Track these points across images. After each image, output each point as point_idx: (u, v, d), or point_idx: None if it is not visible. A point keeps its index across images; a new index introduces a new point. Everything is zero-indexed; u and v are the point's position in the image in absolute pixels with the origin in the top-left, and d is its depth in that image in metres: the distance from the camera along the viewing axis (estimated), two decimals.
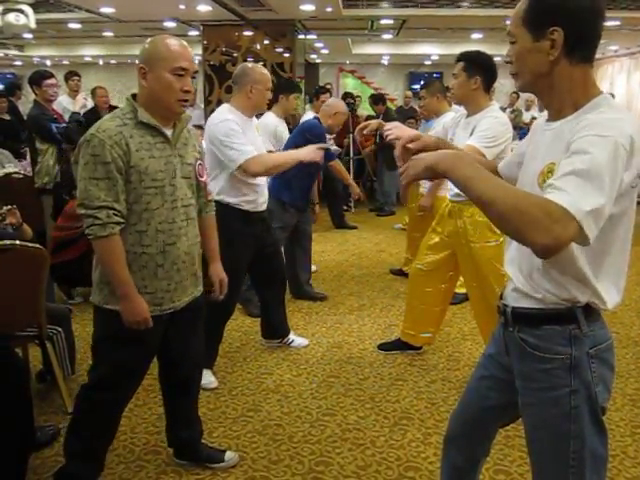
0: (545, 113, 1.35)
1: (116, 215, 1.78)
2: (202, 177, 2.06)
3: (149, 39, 1.87)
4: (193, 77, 1.87)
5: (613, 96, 9.10)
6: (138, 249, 1.85)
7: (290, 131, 4.35)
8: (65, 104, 5.52)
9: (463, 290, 3.63)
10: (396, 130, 2.55)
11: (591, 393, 1.27)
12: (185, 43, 1.87)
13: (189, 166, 1.97)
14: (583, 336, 1.27)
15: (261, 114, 4.61)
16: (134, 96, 1.89)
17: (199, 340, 2.20)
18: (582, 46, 1.21)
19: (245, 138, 2.74)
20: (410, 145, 1.50)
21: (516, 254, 1.38)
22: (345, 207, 7.14)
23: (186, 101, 1.87)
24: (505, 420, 1.57)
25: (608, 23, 6.90)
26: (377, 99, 7.59)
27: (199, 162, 2.03)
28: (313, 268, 4.80)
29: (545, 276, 1.28)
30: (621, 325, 3.82)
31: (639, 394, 2.90)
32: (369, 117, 7.81)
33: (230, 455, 2.29)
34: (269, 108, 4.01)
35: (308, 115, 5.85)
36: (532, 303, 1.32)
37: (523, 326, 1.35)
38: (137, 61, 1.84)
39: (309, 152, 2.88)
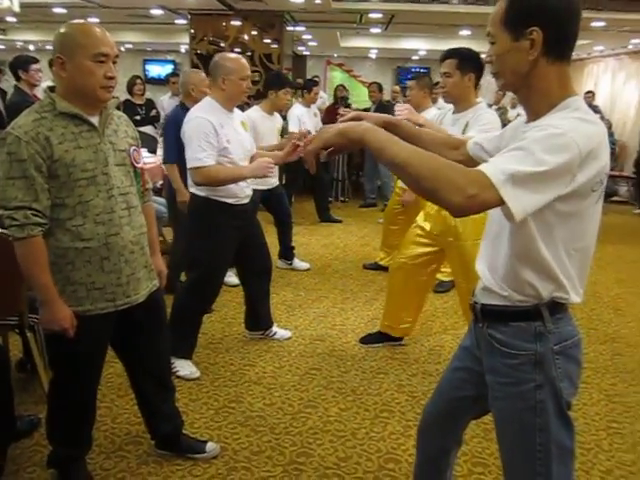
0: None
1: (35, 215, 1.69)
2: (138, 163, 1.95)
3: (62, 26, 1.75)
4: (114, 62, 1.78)
5: (593, 95, 9.23)
6: (79, 244, 1.77)
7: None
8: None
9: (451, 278, 3.70)
10: (406, 112, 2.58)
11: (556, 388, 1.30)
12: (102, 28, 1.76)
13: (122, 153, 1.87)
14: (548, 333, 1.30)
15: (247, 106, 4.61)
16: (52, 89, 1.80)
17: (164, 336, 2.17)
18: (559, 45, 1.24)
19: (215, 138, 2.65)
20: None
21: (485, 252, 1.42)
22: (341, 199, 7.13)
23: (111, 87, 1.78)
24: (477, 412, 1.60)
25: (594, 24, 6.98)
26: (378, 86, 7.52)
27: (133, 148, 1.93)
28: (306, 265, 4.81)
29: (510, 273, 1.31)
30: (599, 322, 3.89)
31: (614, 389, 2.96)
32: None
33: (211, 446, 2.30)
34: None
35: (296, 107, 5.85)
36: (499, 300, 1.35)
37: (491, 322, 1.39)
38: (52, 51, 1.73)
39: (256, 168, 2.73)
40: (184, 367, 2.90)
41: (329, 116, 7.35)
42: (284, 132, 5.04)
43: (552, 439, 1.31)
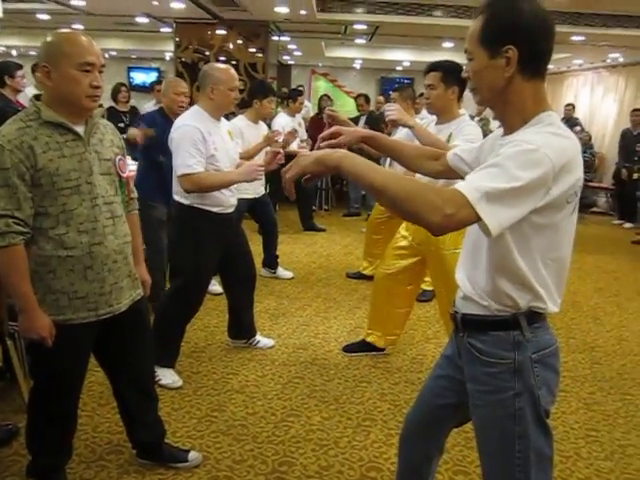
0: None
1: (17, 224, 1.68)
2: (123, 173, 1.95)
3: (49, 35, 1.75)
4: (100, 72, 1.78)
5: (573, 107, 9.43)
6: (62, 253, 1.76)
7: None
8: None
9: (432, 287, 3.74)
10: (397, 112, 2.60)
11: (534, 396, 1.33)
12: (89, 37, 1.76)
13: (108, 162, 1.87)
14: (526, 342, 1.33)
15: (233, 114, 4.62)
16: (37, 97, 1.80)
17: (147, 345, 2.16)
18: (534, 62, 1.27)
19: (203, 145, 2.66)
20: (332, 141, 1.55)
21: (464, 262, 1.45)
22: (325, 208, 7.16)
23: (97, 97, 1.78)
24: (459, 420, 1.62)
25: (574, 38, 7.13)
26: (366, 98, 7.56)
27: (119, 157, 1.93)
28: (290, 274, 4.81)
29: (488, 284, 1.34)
30: (578, 331, 3.94)
31: (593, 398, 3.01)
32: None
33: (194, 455, 2.29)
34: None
35: (281, 117, 5.87)
36: (479, 310, 1.38)
37: (471, 332, 1.41)
38: (38, 60, 1.73)
39: (245, 172, 2.78)
40: (166, 376, 2.88)
41: (313, 126, 7.39)
42: None
43: (531, 446, 1.33)
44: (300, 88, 7.75)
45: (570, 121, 9.15)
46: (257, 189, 4.28)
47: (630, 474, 2.38)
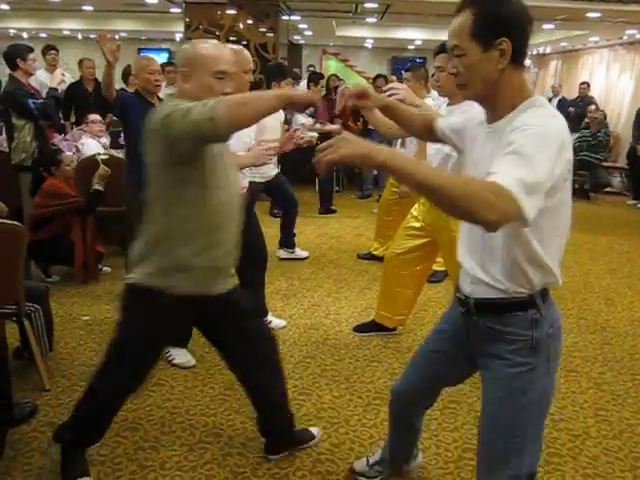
0: None
1: None
2: None
3: (189, 42, 1.91)
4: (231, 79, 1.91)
5: (588, 85, 9.31)
6: (188, 227, 1.88)
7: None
8: (42, 79, 5.44)
9: (443, 268, 3.75)
10: (403, 91, 2.54)
11: (549, 368, 1.43)
12: (225, 46, 1.92)
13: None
14: (543, 319, 1.40)
15: None
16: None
17: (252, 317, 2.27)
18: (521, 52, 1.32)
19: None
20: (361, 102, 1.67)
21: (474, 248, 1.48)
22: (336, 189, 7.21)
23: None
24: (450, 384, 1.84)
25: (589, 15, 7.00)
26: (385, 79, 7.48)
27: None
28: (305, 254, 4.83)
29: (505, 267, 1.38)
30: (589, 311, 3.94)
31: (603, 378, 3.02)
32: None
33: (316, 430, 2.38)
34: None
35: None
36: (496, 294, 1.42)
37: (488, 315, 1.46)
38: (177, 65, 1.90)
39: (254, 156, 2.73)
40: (180, 355, 2.93)
41: (323, 106, 7.33)
42: (287, 122, 5.03)
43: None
44: (311, 68, 7.69)
45: (585, 100, 9.01)
46: (268, 173, 4.27)
47: (638, 453, 2.40)
